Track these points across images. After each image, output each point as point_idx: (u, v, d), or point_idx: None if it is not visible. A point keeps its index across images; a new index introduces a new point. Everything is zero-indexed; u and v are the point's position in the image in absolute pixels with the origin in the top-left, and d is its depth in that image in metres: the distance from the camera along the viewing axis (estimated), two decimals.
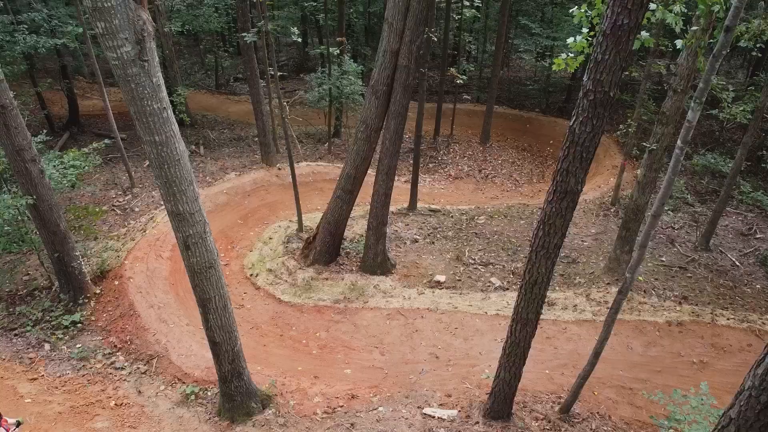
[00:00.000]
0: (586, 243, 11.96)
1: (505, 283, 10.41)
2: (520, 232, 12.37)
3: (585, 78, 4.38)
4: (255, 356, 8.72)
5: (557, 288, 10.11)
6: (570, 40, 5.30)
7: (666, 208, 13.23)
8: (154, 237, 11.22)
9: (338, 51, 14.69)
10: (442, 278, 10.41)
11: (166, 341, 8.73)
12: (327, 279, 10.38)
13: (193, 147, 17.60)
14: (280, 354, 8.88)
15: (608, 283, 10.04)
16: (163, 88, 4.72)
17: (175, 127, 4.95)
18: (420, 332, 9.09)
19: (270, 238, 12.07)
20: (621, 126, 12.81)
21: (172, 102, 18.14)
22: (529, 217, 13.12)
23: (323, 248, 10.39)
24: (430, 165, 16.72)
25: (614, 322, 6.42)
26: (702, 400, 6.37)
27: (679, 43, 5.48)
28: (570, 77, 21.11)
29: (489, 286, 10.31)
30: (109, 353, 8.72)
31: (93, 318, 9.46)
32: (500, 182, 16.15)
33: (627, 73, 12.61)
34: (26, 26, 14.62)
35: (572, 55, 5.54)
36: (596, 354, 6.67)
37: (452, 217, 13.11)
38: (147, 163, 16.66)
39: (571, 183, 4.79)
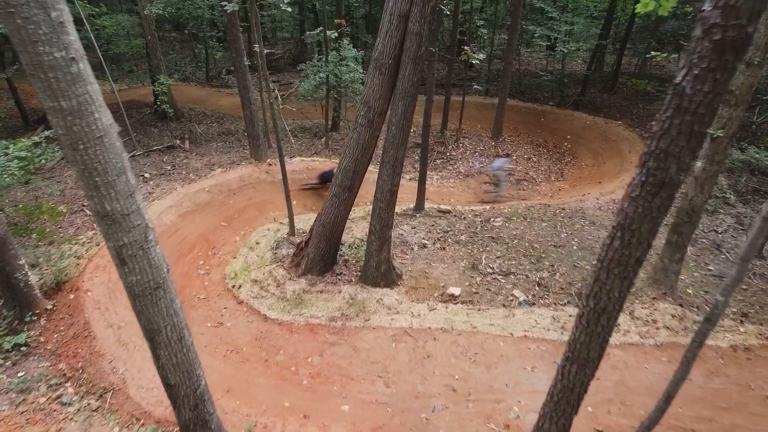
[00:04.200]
0: None
1: (530, 297, 8.87)
2: (543, 236, 10.83)
3: (707, 6, 2.87)
4: (233, 388, 7.20)
5: None
6: None
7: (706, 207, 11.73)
8: None
9: (336, 34, 13.17)
10: (456, 291, 8.87)
11: (124, 370, 7.20)
12: (321, 292, 8.84)
13: (177, 141, 16.09)
14: (264, 385, 7.34)
15: (654, 298, 8.50)
16: (72, 30, 3.19)
17: (94, 88, 3.41)
18: (432, 358, 7.55)
19: (257, 243, 10.53)
20: (657, 116, 11.24)
21: (152, 92, 16.61)
22: (552, 219, 11.58)
23: (317, 256, 8.86)
24: (438, 161, 15.20)
25: (695, 359, 4.90)
26: None
27: None
28: (587, 67, 19.63)
29: (512, 300, 8.77)
30: (57, 384, 7.18)
31: (42, 339, 7.92)
32: (515, 180, 14.61)
33: (652, 56, 11.09)
34: None
35: None
36: (668, 398, 5.11)
37: (465, 218, 11.58)
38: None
39: (671, 171, 3.27)
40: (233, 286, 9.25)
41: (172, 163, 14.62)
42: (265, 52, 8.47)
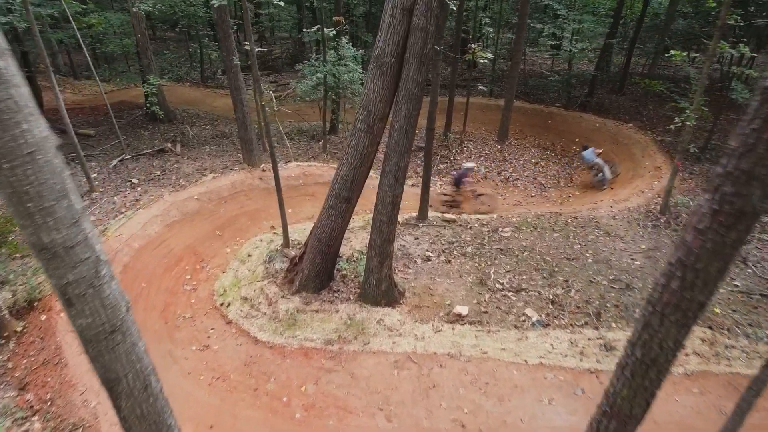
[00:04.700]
0: (637, 262, 9.71)
1: (543, 317, 8.16)
2: (555, 248, 10.12)
3: None
4: (217, 422, 6.50)
5: (614, 324, 7.87)
6: None
7: None
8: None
9: (334, 32, 12.46)
10: (463, 310, 8.17)
11: (96, 403, 6.49)
12: (317, 311, 8.14)
13: (169, 145, 15.40)
14: (252, 417, 6.63)
15: None
16: None
17: (21, 92, 2.68)
18: (438, 388, 6.84)
19: (249, 256, 9.83)
20: (677, 119, 10.55)
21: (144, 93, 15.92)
22: (563, 229, 10.87)
23: (312, 272, 8.15)
24: (441, 166, 14.48)
25: (751, 408, 4.22)
26: None
27: None
28: (595, 67, 18.92)
29: (524, 320, 8.06)
30: (23, 418, 6.46)
31: (10, 365, 7.21)
32: (523, 186, 13.91)
33: (672, 55, 10.39)
34: None
35: None
36: None
37: (471, 228, 10.87)
38: (114, 162, 14.48)
39: (754, 197, 2.56)
40: (222, 304, 8.55)
41: (162, 168, 13.92)
42: (260, 50, 7.77)
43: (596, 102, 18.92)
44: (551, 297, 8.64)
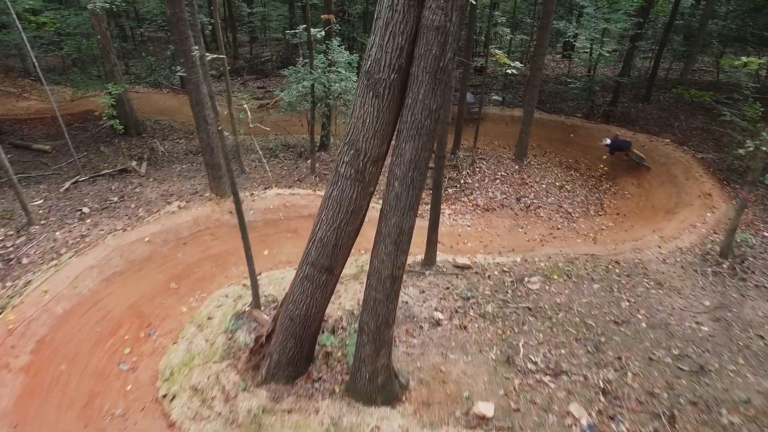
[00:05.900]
0: (704, 328, 7.60)
1: (595, 417, 6.04)
2: (598, 307, 8.01)
3: None
4: None
5: None
6: None
7: None
8: (8, 327, 6.84)
9: (323, 32, 10.35)
10: (488, 410, 6.04)
11: None
12: (290, 411, 6.01)
13: (133, 164, 13.28)
14: None
15: None
16: None
17: None
18: None
19: (209, 318, 7.71)
20: (748, 143, 8.43)
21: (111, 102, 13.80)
22: (605, 278, 8.76)
23: (284, 357, 6.05)
24: (450, 191, 12.34)
25: None
26: None
27: None
28: (620, 72, 16.80)
29: (570, 424, 5.94)
30: None
31: None
32: (546, 215, 11.77)
33: (744, 62, 8.33)
34: None
35: None
36: None
37: (489, 277, 8.76)
38: (66, 185, 12.38)
39: None
40: (165, 395, 6.42)
41: (121, 193, 11.81)
42: (212, 58, 5.69)
43: (621, 111, 16.84)
44: (602, 384, 6.52)
